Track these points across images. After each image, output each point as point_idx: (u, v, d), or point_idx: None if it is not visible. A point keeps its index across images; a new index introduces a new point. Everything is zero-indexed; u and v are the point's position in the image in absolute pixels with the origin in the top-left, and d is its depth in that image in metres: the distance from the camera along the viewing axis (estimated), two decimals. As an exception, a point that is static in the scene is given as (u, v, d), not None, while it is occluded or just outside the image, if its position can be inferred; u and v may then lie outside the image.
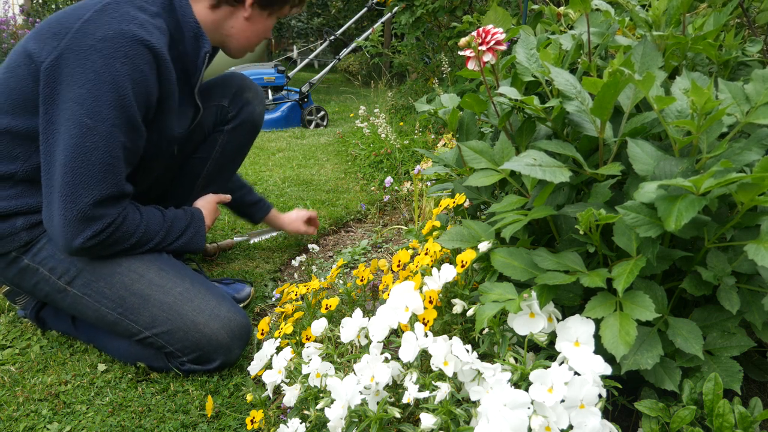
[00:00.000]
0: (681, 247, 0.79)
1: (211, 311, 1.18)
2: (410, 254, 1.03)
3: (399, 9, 3.56)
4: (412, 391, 0.74)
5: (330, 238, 2.08)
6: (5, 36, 6.49)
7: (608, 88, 0.73)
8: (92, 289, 1.18)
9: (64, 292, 1.19)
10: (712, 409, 0.69)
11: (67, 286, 1.19)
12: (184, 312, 1.17)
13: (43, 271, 1.19)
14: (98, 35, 1.05)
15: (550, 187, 0.78)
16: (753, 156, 0.72)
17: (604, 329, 0.69)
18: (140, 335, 1.18)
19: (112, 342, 1.26)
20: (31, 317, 1.36)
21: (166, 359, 1.20)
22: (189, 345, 1.16)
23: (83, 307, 1.19)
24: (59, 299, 1.21)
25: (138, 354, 1.22)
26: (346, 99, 6.00)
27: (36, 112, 1.10)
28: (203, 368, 1.19)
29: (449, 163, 1.08)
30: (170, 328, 1.16)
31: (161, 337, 1.17)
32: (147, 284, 1.18)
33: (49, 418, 1.07)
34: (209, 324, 1.16)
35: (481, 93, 1.02)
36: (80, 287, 1.18)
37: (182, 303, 1.17)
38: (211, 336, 1.16)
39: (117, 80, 1.05)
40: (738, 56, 0.98)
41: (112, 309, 1.18)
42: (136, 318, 1.17)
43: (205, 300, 1.19)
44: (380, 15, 5.01)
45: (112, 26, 1.06)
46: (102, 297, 1.18)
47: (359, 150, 2.98)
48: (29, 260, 1.19)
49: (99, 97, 1.05)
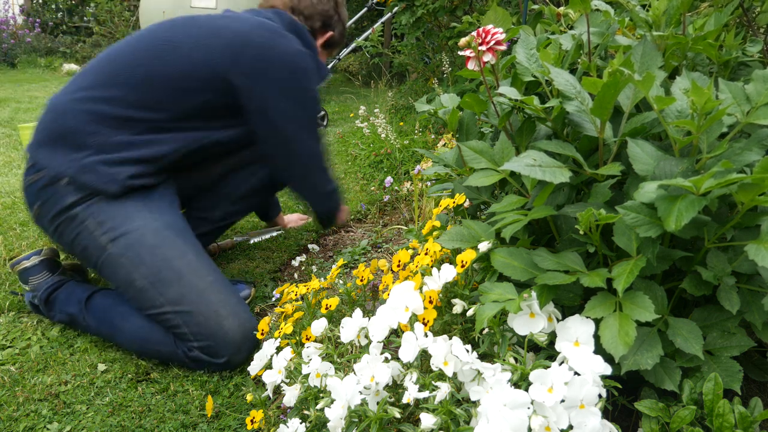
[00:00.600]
0: (681, 247, 0.79)
1: (233, 308, 1.23)
2: (410, 254, 1.03)
3: (399, 9, 3.55)
4: (412, 391, 0.74)
5: (330, 238, 2.08)
6: (5, 36, 6.49)
7: (608, 88, 0.73)
8: (133, 252, 1.21)
9: (103, 249, 1.23)
10: (712, 409, 0.69)
11: (108, 244, 1.22)
12: (210, 300, 1.21)
13: (90, 224, 1.23)
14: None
15: (550, 187, 0.78)
16: (753, 156, 0.72)
17: (604, 329, 0.69)
18: (161, 309, 1.20)
19: (124, 323, 1.26)
20: (41, 298, 1.36)
21: (175, 343, 1.21)
22: (204, 332, 1.18)
23: (117, 267, 1.22)
24: (94, 255, 1.24)
25: (148, 337, 1.23)
26: (346, 99, 6.00)
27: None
28: (209, 360, 1.20)
29: (449, 163, 1.08)
30: (193, 311, 1.19)
31: (181, 316, 1.19)
32: (185, 264, 1.23)
33: (49, 418, 1.07)
34: (229, 318, 1.21)
35: (481, 93, 1.01)
36: (122, 247, 1.22)
37: (211, 292, 1.22)
38: (227, 330, 1.19)
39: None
40: (738, 56, 0.97)
41: (144, 276, 1.21)
42: (165, 291, 1.20)
43: (230, 296, 1.25)
44: (380, 15, 5.01)
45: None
46: (140, 262, 1.21)
47: (359, 150, 2.98)
48: (81, 210, 1.23)
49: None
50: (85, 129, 1.25)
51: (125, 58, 1.31)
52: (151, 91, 1.27)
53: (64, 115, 1.27)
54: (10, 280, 1.57)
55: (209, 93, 1.29)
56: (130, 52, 1.32)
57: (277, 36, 1.32)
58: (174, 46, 1.29)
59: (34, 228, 1.96)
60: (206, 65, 1.28)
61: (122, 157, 1.25)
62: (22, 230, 1.93)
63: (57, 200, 1.24)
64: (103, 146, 1.25)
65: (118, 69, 1.29)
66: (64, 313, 1.34)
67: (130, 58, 1.30)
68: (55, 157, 1.25)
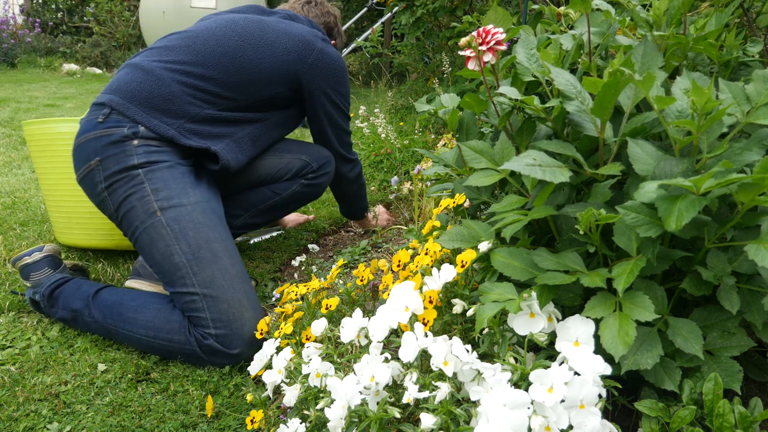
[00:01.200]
0: (681, 247, 0.79)
1: (255, 302, 1.28)
2: (410, 254, 1.03)
3: (399, 9, 3.55)
4: (412, 391, 0.74)
5: (330, 238, 2.08)
6: (5, 36, 6.49)
7: (608, 88, 0.73)
8: (180, 225, 1.25)
9: (152, 215, 1.26)
10: (712, 409, 0.69)
11: (158, 211, 1.26)
12: (238, 288, 1.24)
13: (147, 188, 1.27)
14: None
15: (550, 187, 0.78)
16: (753, 156, 0.72)
17: (604, 329, 0.69)
18: (189, 288, 1.23)
19: (137, 315, 1.27)
20: (43, 294, 1.36)
21: (189, 331, 1.22)
22: (224, 319, 1.21)
23: (159, 236, 1.25)
24: (138, 220, 1.27)
25: (161, 326, 1.24)
26: (346, 99, 5.99)
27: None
28: (222, 350, 1.20)
29: (449, 163, 1.08)
30: (219, 295, 1.22)
31: (206, 300, 1.21)
32: (224, 249, 1.27)
33: (49, 418, 1.07)
34: (250, 310, 1.24)
35: (481, 93, 1.01)
36: (170, 218, 1.25)
37: (240, 281, 1.26)
38: (246, 321, 1.22)
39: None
40: (739, 56, 0.97)
41: (184, 252, 1.24)
42: (198, 270, 1.23)
43: (252, 289, 1.30)
44: (380, 15, 5.01)
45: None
46: (183, 237, 1.24)
47: (359, 150, 2.98)
48: (143, 172, 1.28)
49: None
50: (183, 99, 1.37)
51: (219, 43, 1.44)
52: (242, 76, 1.43)
53: (162, 81, 1.37)
54: (10, 280, 1.57)
55: (281, 86, 1.50)
56: (222, 38, 1.45)
57: (326, 42, 1.58)
58: (265, 42, 1.46)
59: (34, 228, 1.96)
60: (284, 62, 1.47)
61: (207, 129, 1.39)
62: (22, 230, 1.93)
63: (122, 158, 1.29)
64: (194, 117, 1.37)
65: (212, 51, 1.43)
66: (67, 309, 1.34)
67: (225, 44, 1.44)
68: (149, 118, 1.33)
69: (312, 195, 1.72)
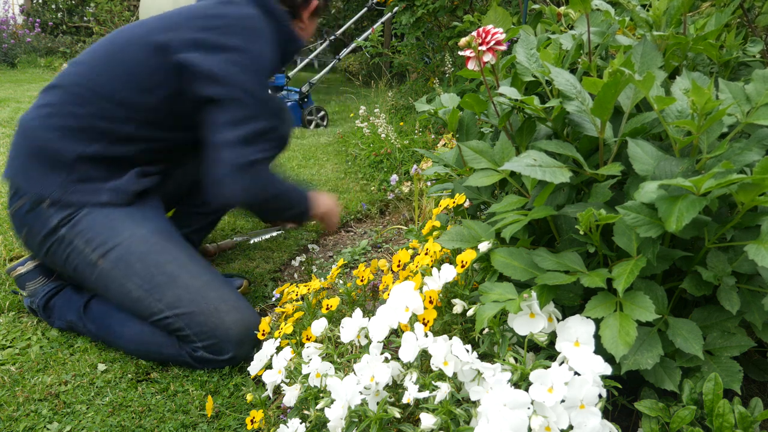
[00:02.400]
0: (681, 247, 0.79)
1: (233, 303, 1.23)
2: (410, 254, 1.03)
3: (399, 9, 3.55)
4: (412, 391, 0.74)
5: (330, 238, 2.08)
6: (5, 36, 6.49)
7: (608, 88, 0.73)
8: (124, 263, 1.21)
9: (94, 266, 1.23)
10: (712, 409, 0.69)
11: (99, 259, 1.22)
12: (209, 297, 1.21)
13: (78, 243, 1.23)
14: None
15: (550, 188, 0.78)
16: (753, 156, 0.72)
17: (604, 329, 0.69)
18: (161, 315, 1.20)
19: (123, 329, 1.26)
20: (39, 305, 1.36)
21: (179, 345, 1.21)
22: (207, 331, 1.18)
23: (110, 281, 1.22)
24: (86, 273, 1.24)
25: (149, 340, 1.23)
26: (346, 99, 5.99)
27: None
28: (215, 358, 1.20)
29: (449, 163, 1.08)
30: (193, 311, 1.19)
31: (182, 319, 1.19)
32: (178, 266, 1.23)
33: (49, 418, 1.07)
34: (230, 314, 1.21)
35: (481, 93, 1.01)
36: (112, 261, 1.22)
37: (208, 289, 1.22)
38: (229, 325, 1.19)
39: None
40: (739, 56, 0.97)
41: (139, 285, 1.21)
42: (162, 296, 1.20)
43: (228, 292, 1.25)
44: (380, 15, 5.01)
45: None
46: (132, 272, 1.21)
47: (359, 150, 2.98)
48: (67, 231, 1.23)
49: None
50: (57, 146, 1.24)
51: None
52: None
53: (33, 132, 1.26)
54: (10, 280, 1.57)
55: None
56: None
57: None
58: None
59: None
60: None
61: (101, 166, 1.26)
62: (22, 230, 1.93)
63: (42, 224, 1.24)
64: (79, 159, 1.24)
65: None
66: (63, 320, 1.35)
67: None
68: (33, 180, 1.24)
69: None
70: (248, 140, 1.21)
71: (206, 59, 1.21)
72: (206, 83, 1.21)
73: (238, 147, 1.21)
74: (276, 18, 1.35)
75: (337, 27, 7.89)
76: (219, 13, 1.27)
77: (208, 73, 1.20)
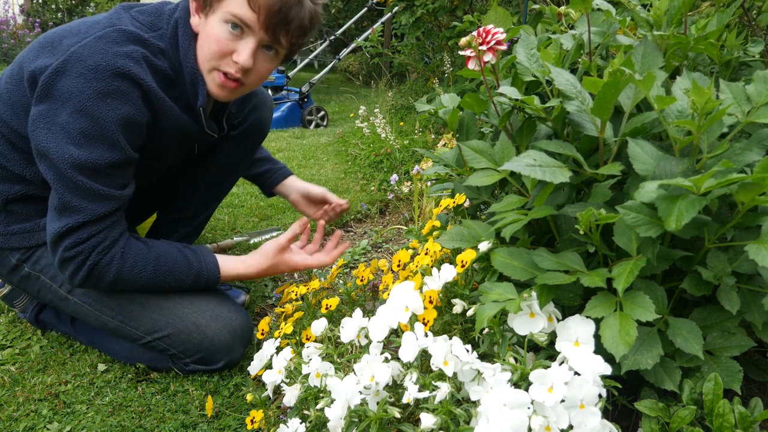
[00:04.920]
0: (681, 247, 0.79)
1: (212, 312, 1.18)
2: (410, 254, 1.03)
3: (399, 9, 3.56)
4: (412, 391, 0.74)
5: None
6: (5, 36, 6.49)
7: (609, 88, 0.73)
8: (91, 298, 1.19)
9: (66, 300, 1.21)
10: (712, 409, 0.69)
11: (68, 295, 1.20)
12: (184, 315, 1.17)
13: (44, 279, 1.21)
14: (90, 63, 0.99)
15: (550, 187, 0.78)
16: (754, 156, 0.72)
17: (604, 329, 0.69)
18: (142, 340, 1.18)
19: (114, 345, 1.26)
20: (30, 319, 1.36)
21: (170, 361, 1.20)
22: (191, 347, 1.16)
23: (84, 314, 1.21)
24: (62, 306, 1.23)
25: (140, 356, 1.22)
26: (346, 99, 6.00)
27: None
28: (207, 368, 1.19)
29: (449, 163, 1.08)
30: (172, 332, 1.16)
31: (163, 341, 1.17)
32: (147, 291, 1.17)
33: (49, 418, 1.07)
34: (211, 325, 1.16)
35: (481, 93, 1.01)
36: (80, 296, 1.19)
37: (182, 306, 1.17)
38: (213, 337, 1.16)
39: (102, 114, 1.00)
40: (740, 56, 0.97)
41: (112, 317, 1.18)
42: (137, 324, 1.17)
43: (205, 301, 1.19)
44: (380, 15, 5.01)
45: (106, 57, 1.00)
46: (101, 305, 1.18)
47: (359, 150, 2.98)
48: (29, 267, 1.21)
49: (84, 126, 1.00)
50: None
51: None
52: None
53: None
54: (10, 280, 1.57)
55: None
56: None
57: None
58: None
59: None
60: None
61: (35, 204, 1.18)
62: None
63: (3, 263, 1.22)
64: (8, 202, 1.17)
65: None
66: (59, 331, 1.35)
67: None
68: None
69: (255, 137, 1.46)
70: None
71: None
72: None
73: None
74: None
75: (337, 27, 7.89)
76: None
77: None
